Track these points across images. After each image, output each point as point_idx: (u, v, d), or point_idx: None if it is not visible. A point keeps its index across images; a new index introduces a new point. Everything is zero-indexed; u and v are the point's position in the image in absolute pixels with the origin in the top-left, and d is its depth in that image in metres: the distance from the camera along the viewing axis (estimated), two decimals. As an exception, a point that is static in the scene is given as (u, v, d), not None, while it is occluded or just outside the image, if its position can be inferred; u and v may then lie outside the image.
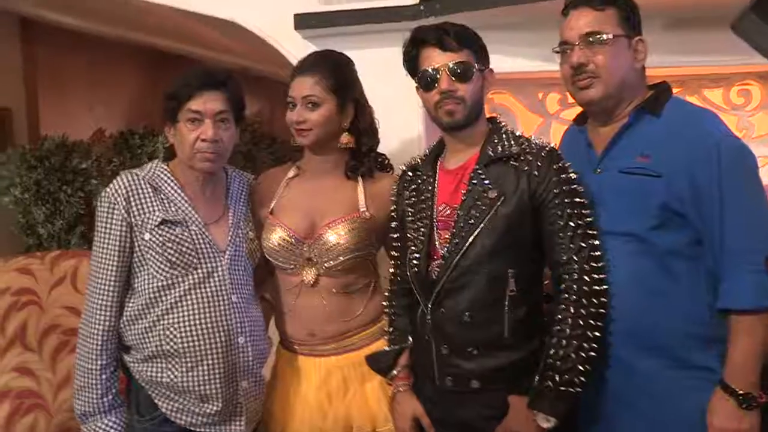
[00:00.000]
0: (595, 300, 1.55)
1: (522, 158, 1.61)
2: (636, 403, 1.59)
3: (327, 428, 1.79)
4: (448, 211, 1.65)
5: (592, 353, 1.54)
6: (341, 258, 1.78)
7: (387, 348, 1.78)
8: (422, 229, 1.67)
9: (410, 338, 1.76)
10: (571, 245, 1.56)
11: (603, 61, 1.60)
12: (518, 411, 1.58)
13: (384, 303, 1.83)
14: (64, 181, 3.11)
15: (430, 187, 1.70)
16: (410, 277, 1.70)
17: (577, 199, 1.58)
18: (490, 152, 1.63)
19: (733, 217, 1.49)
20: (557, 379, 1.53)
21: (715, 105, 2.45)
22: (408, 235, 1.71)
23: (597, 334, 1.55)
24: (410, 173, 1.78)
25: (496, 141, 1.65)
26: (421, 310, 1.68)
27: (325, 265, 1.79)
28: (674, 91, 1.71)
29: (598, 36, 1.60)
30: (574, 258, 1.56)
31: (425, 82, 1.66)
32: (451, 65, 1.63)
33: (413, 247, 1.68)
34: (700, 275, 1.55)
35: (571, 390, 1.53)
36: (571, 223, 1.56)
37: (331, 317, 1.81)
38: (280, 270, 1.85)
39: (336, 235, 1.78)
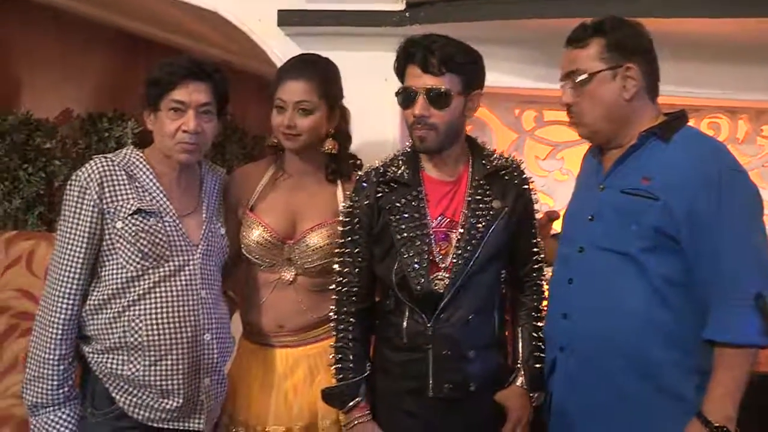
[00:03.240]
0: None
1: (514, 172, 1.73)
2: (611, 421, 1.60)
3: (292, 419, 1.80)
4: (445, 222, 1.68)
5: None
6: (321, 260, 1.80)
7: (344, 381, 1.70)
8: (418, 241, 1.65)
9: (368, 365, 1.74)
10: (534, 252, 1.76)
11: (581, 104, 1.61)
12: (519, 396, 1.70)
13: (334, 330, 1.75)
14: (26, 159, 3.02)
15: (421, 197, 1.68)
16: (409, 292, 1.66)
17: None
18: (486, 165, 1.70)
19: (728, 248, 1.48)
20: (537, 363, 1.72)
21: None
22: (401, 248, 1.66)
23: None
24: (384, 184, 1.71)
25: (485, 154, 1.73)
26: (413, 322, 1.67)
27: (305, 265, 1.81)
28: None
29: (574, 74, 1.60)
30: (536, 265, 1.76)
31: (403, 100, 1.67)
32: (428, 89, 1.62)
33: (416, 262, 1.64)
34: (691, 304, 1.54)
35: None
36: (534, 232, 1.76)
37: (303, 312, 1.83)
38: (256, 266, 1.85)
39: (319, 238, 1.80)
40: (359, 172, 1.79)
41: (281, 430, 1.79)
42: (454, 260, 1.65)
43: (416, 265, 1.64)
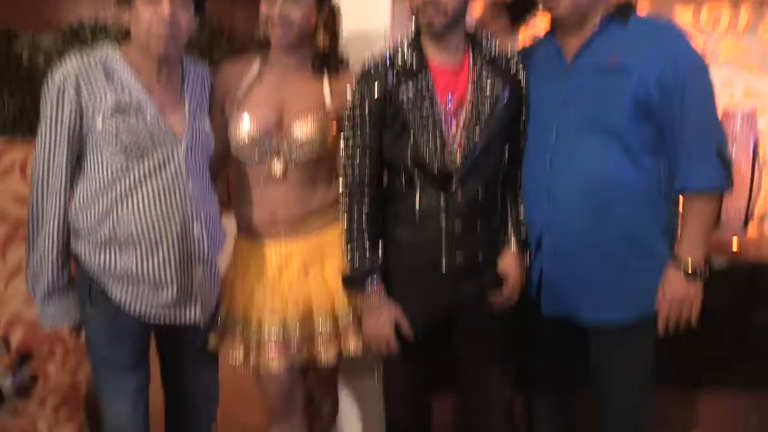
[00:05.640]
0: None
1: (507, 57, 1.80)
2: (599, 287, 1.76)
3: (288, 312, 1.85)
4: (452, 103, 1.75)
5: None
6: (309, 150, 1.82)
7: (360, 263, 1.77)
8: (431, 124, 1.73)
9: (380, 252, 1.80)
10: (523, 131, 1.85)
11: None
12: (515, 259, 1.84)
13: (345, 218, 1.79)
14: (8, 72, 2.92)
15: (430, 81, 1.74)
16: (424, 170, 1.74)
17: None
18: (484, 52, 1.78)
19: (692, 113, 1.66)
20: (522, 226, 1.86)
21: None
22: (415, 130, 1.73)
23: None
24: (393, 72, 1.75)
25: (484, 42, 1.79)
26: (426, 199, 1.76)
27: (293, 157, 1.82)
28: (645, 8, 1.77)
29: None
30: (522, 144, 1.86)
31: None
32: None
33: (430, 142, 1.73)
34: (662, 168, 1.72)
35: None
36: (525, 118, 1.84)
37: (294, 202, 1.86)
38: (247, 163, 1.86)
39: (305, 128, 1.81)
40: (365, 61, 1.79)
41: (277, 324, 1.84)
42: (464, 139, 1.74)
43: (431, 145, 1.73)
